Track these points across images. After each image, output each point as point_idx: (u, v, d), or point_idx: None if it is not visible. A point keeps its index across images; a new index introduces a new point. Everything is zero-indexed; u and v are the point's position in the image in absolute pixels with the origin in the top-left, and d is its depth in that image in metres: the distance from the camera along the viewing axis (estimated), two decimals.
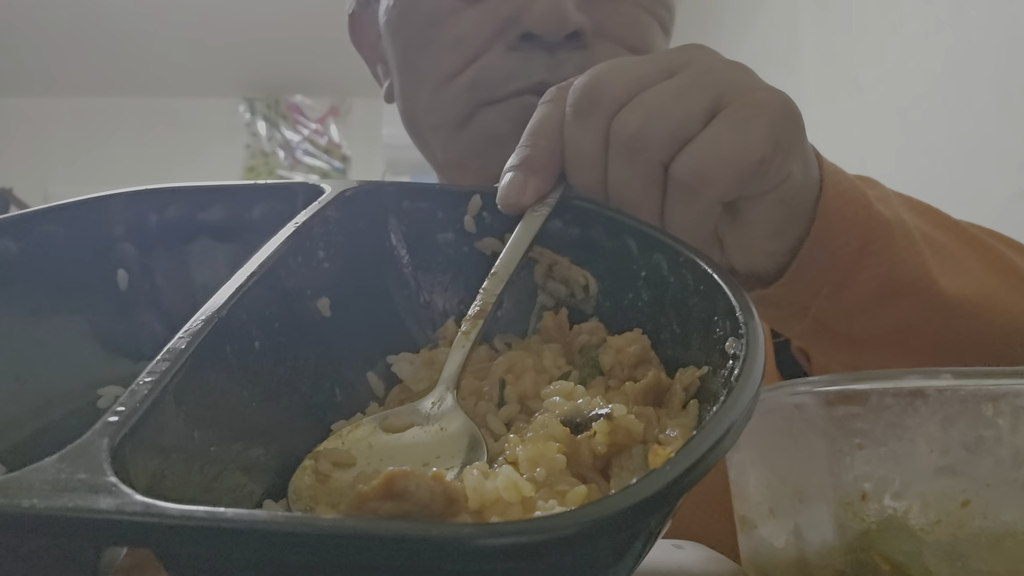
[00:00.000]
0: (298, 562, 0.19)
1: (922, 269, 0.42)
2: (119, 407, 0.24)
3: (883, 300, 0.42)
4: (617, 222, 0.36)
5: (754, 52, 1.98)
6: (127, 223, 0.40)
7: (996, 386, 0.29)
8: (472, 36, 0.50)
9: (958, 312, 0.43)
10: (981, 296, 0.44)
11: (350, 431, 0.31)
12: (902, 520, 0.29)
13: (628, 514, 0.20)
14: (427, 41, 0.52)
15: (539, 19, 0.48)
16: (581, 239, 0.37)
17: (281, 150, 3.21)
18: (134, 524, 0.19)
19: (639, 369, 0.32)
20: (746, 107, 0.34)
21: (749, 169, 0.34)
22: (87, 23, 2.68)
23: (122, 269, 0.39)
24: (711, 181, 0.34)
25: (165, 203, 0.40)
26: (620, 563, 0.23)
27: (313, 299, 0.35)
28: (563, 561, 0.21)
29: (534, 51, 0.49)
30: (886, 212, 0.42)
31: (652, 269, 0.34)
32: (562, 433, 0.27)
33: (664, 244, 0.34)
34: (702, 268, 0.31)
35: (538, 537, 0.19)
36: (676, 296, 0.33)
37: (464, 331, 0.33)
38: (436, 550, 0.19)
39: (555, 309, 0.37)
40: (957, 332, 0.44)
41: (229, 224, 0.39)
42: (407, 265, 0.39)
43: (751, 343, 0.27)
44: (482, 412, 0.32)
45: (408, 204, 0.39)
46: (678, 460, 0.21)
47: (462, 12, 0.51)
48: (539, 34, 0.48)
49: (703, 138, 0.34)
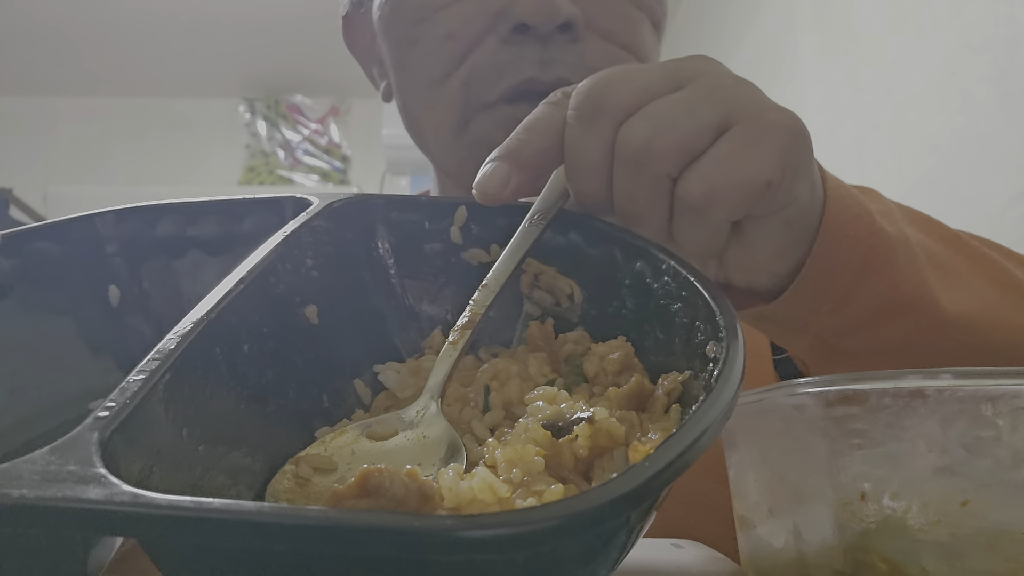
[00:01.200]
0: (282, 552, 0.20)
1: (923, 287, 0.42)
2: (109, 403, 0.25)
3: (884, 318, 0.42)
4: (600, 231, 0.36)
5: (752, 52, 1.98)
6: (119, 239, 0.40)
7: (995, 386, 0.29)
8: (462, 31, 0.50)
9: (958, 328, 0.43)
10: (981, 312, 0.44)
11: (333, 438, 0.32)
12: (901, 520, 0.29)
13: (608, 508, 0.20)
14: (417, 37, 0.52)
15: (530, 9, 0.48)
16: (566, 248, 0.37)
17: (281, 150, 3.21)
18: (122, 514, 0.20)
19: (623, 376, 0.32)
20: (756, 127, 0.34)
21: (757, 191, 0.34)
22: (87, 23, 2.68)
23: (113, 285, 0.40)
24: (719, 201, 0.34)
25: (156, 219, 0.41)
26: (601, 557, 0.24)
27: (301, 306, 0.36)
28: (544, 553, 0.21)
29: (526, 43, 0.49)
30: (889, 228, 0.41)
31: (636, 277, 0.35)
32: (543, 437, 0.27)
33: (647, 252, 0.34)
34: (683, 275, 0.32)
35: (519, 529, 0.19)
36: (659, 303, 0.33)
37: (452, 341, 0.33)
38: (418, 541, 0.19)
39: (540, 318, 0.38)
40: (957, 348, 0.44)
41: (219, 237, 0.40)
42: (395, 275, 0.40)
43: (731, 345, 0.27)
44: (467, 418, 0.33)
45: (396, 215, 0.40)
46: (657, 456, 0.21)
47: (451, 7, 0.51)
48: (531, 24, 0.48)
49: (712, 155, 0.33)
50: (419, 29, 0.51)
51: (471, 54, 0.50)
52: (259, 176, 3.17)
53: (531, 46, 0.49)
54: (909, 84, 1.33)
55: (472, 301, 0.34)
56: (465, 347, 0.33)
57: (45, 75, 3.03)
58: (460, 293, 0.38)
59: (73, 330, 0.39)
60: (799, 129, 0.35)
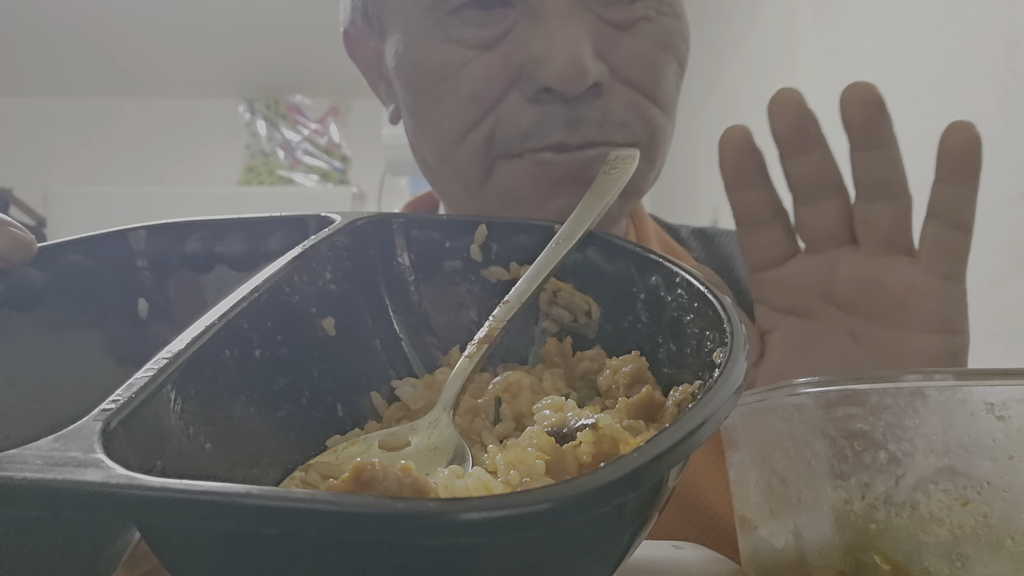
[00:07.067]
0: (273, 535, 0.20)
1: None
2: (116, 397, 0.26)
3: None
4: (616, 246, 0.37)
5: (752, 52, 1.98)
6: (148, 254, 0.42)
7: (995, 386, 0.29)
8: (486, 90, 0.48)
9: None
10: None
11: (345, 447, 0.32)
12: (902, 521, 0.29)
13: (595, 494, 0.20)
14: (440, 95, 0.50)
15: (557, 76, 0.46)
16: (583, 264, 0.38)
17: (281, 150, 3.20)
18: (118, 496, 0.20)
19: (634, 388, 0.33)
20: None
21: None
22: (87, 23, 2.68)
23: (142, 298, 0.41)
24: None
25: (185, 235, 0.42)
26: (597, 553, 0.23)
27: (318, 317, 0.37)
28: (532, 540, 0.21)
29: (552, 104, 0.47)
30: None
31: (650, 291, 0.35)
32: (547, 443, 0.27)
33: (661, 266, 0.35)
34: (696, 287, 0.32)
35: (504, 512, 0.19)
36: (672, 315, 0.34)
37: (468, 355, 0.34)
38: (406, 523, 0.19)
39: (558, 335, 0.38)
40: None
41: (245, 254, 0.42)
42: (414, 292, 0.41)
43: (734, 348, 0.27)
44: (478, 429, 0.33)
45: (416, 233, 0.41)
46: (647, 447, 0.22)
47: (473, 63, 0.48)
48: (559, 90, 0.46)
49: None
50: (443, 88, 0.49)
51: (494, 111, 0.49)
52: (259, 176, 3.16)
53: (556, 107, 0.47)
54: (909, 84, 1.33)
55: (492, 316, 0.35)
56: (481, 361, 0.34)
57: (45, 75, 3.03)
58: (479, 310, 0.39)
59: (101, 342, 0.40)
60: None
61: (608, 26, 0.48)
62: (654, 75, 0.50)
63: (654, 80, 0.50)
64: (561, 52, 0.45)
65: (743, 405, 0.35)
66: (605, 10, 0.48)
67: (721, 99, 2.19)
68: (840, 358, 0.45)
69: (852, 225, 0.44)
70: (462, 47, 0.48)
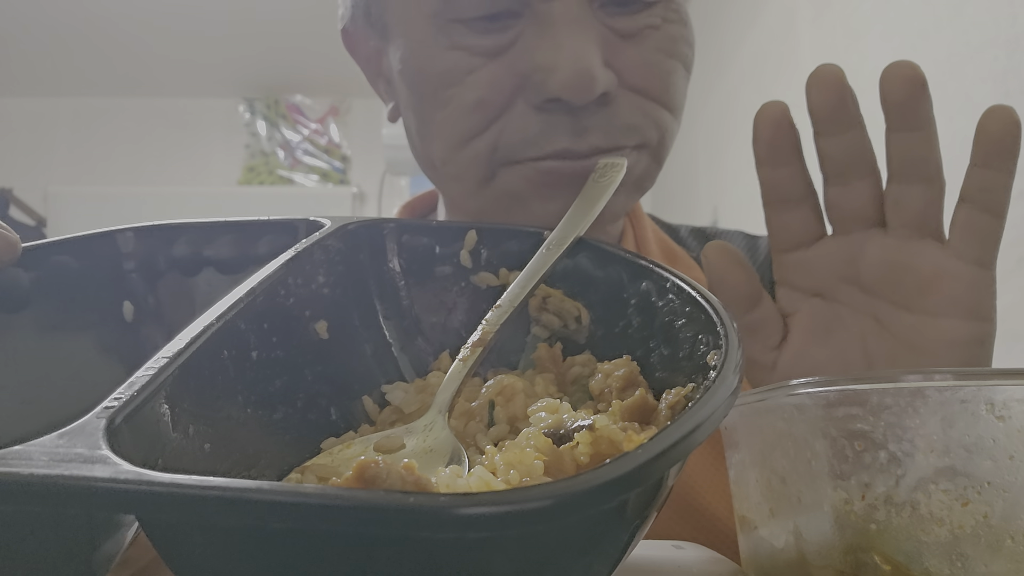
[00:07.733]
0: (280, 530, 0.20)
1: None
2: (118, 395, 0.26)
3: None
4: (607, 253, 0.37)
5: (752, 52, 1.98)
6: (136, 256, 0.41)
7: (995, 386, 0.29)
8: (492, 98, 0.48)
9: None
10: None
11: (341, 449, 0.33)
12: (902, 521, 0.29)
13: (600, 491, 0.20)
14: (445, 101, 0.49)
15: (566, 85, 0.45)
16: (573, 271, 0.38)
17: (281, 150, 3.21)
18: (127, 491, 0.20)
19: (627, 392, 0.33)
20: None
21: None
22: (87, 23, 2.68)
23: (128, 301, 0.41)
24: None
25: (173, 238, 0.42)
26: (598, 550, 0.24)
27: (312, 321, 0.37)
28: (536, 535, 0.21)
29: (558, 113, 0.47)
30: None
31: (641, 296, 0.35)
32: (544, 444, 0.28)
33: (651, 271, 0.35)
34: (687, 292, 0.33)
35: (511, 507, 0.19)
36: (664, 320, 0.34)
37: (462, 358, 0.34)
38: (411, 517, 0.19)
39: (549, 341, 0.39)
40: None
41: (234, 257, 0.41)
42: (405, 297, 0.41)
43: (729, 349, 0.28)
44: (472, 432, 0.33)
45: (407, 238, 0.41)
46: (651, 445, 0.22)
47: (479, 71, 0.48)
48: (566, 100, 0.46)
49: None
50: (448, 93, 0.49)
51: (500, 119, 0.49)
52: (259, 176, 3.16)
53: (562, 116, 0.47)
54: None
55: (484, 321, 0.35)
56: (475, 364, 0.34)
57: (44, 75, 3.03)
58: (469, 316, 0.40)
59: (88, 343, 0.39)
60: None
61: (615, 35, 0.48)
62: (662, 82, 0.49)
63: (662, 86, 0.49)
64: (569, 61, 0.45)
65: (743, 405, 0.35)
66: (612, 19, 0.48)
67: (721, 99, 2.19)
68: (863, 342, 0.44)
69: (882, 208, 0.43)
70: (468, 54, 0.48)
